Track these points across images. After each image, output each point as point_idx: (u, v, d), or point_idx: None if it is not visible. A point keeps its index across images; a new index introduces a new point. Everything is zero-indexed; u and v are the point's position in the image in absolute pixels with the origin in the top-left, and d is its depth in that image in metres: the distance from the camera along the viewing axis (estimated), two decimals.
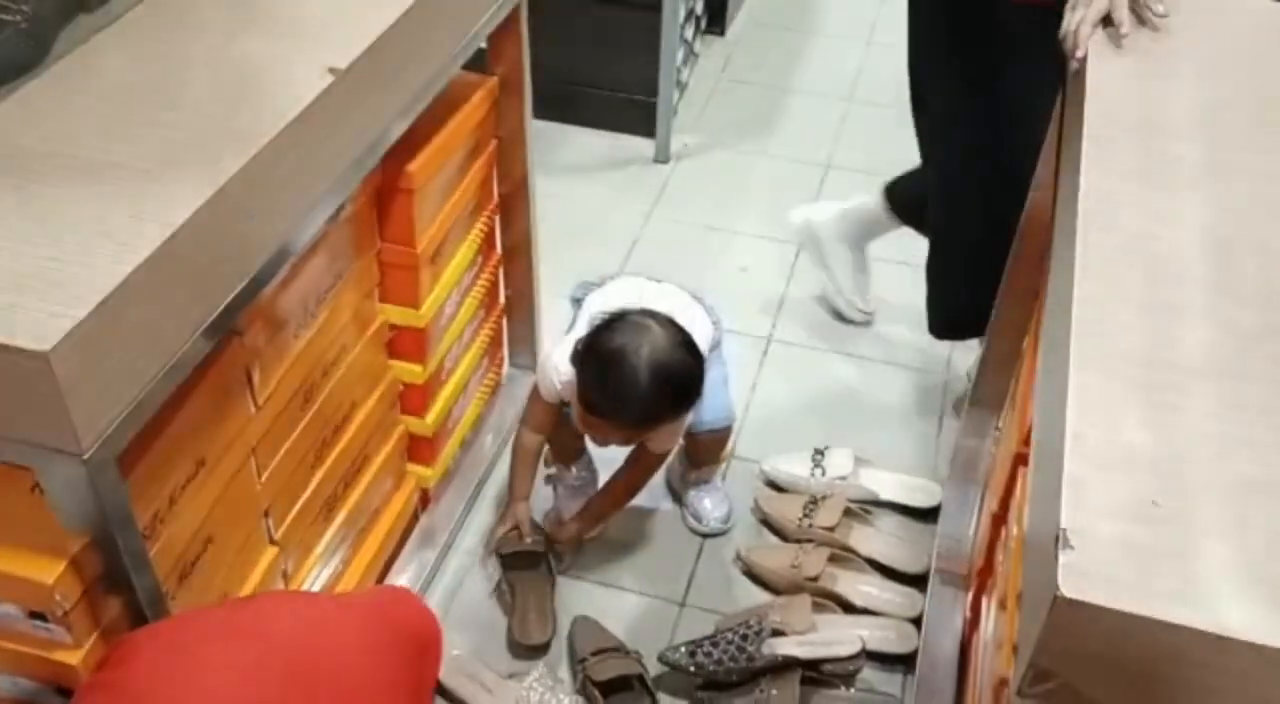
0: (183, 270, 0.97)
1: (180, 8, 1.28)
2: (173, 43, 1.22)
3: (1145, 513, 0.76)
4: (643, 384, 1.52)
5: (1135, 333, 0.89)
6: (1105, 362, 0.86)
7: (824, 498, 1.87)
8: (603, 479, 1.87)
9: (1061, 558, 0.73)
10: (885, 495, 1.92)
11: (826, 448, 1.96)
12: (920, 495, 1.92)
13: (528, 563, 1.76)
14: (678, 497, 1.94)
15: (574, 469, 1.88)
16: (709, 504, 1.89)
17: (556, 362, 1.65)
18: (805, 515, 1.85)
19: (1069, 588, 0.71)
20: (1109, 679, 0.74)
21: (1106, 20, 1.25)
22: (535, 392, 1.73)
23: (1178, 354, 0.87)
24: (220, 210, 1.00)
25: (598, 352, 1.56)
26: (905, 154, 2.78)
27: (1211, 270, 0.96)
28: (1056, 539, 0.74)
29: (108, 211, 0.96)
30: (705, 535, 1.88)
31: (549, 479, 1.90)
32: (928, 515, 1.91)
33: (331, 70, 1.18)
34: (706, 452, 1.87)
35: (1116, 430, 0.81)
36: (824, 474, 1.93)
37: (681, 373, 1.57)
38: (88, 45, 1.19)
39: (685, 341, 1.58)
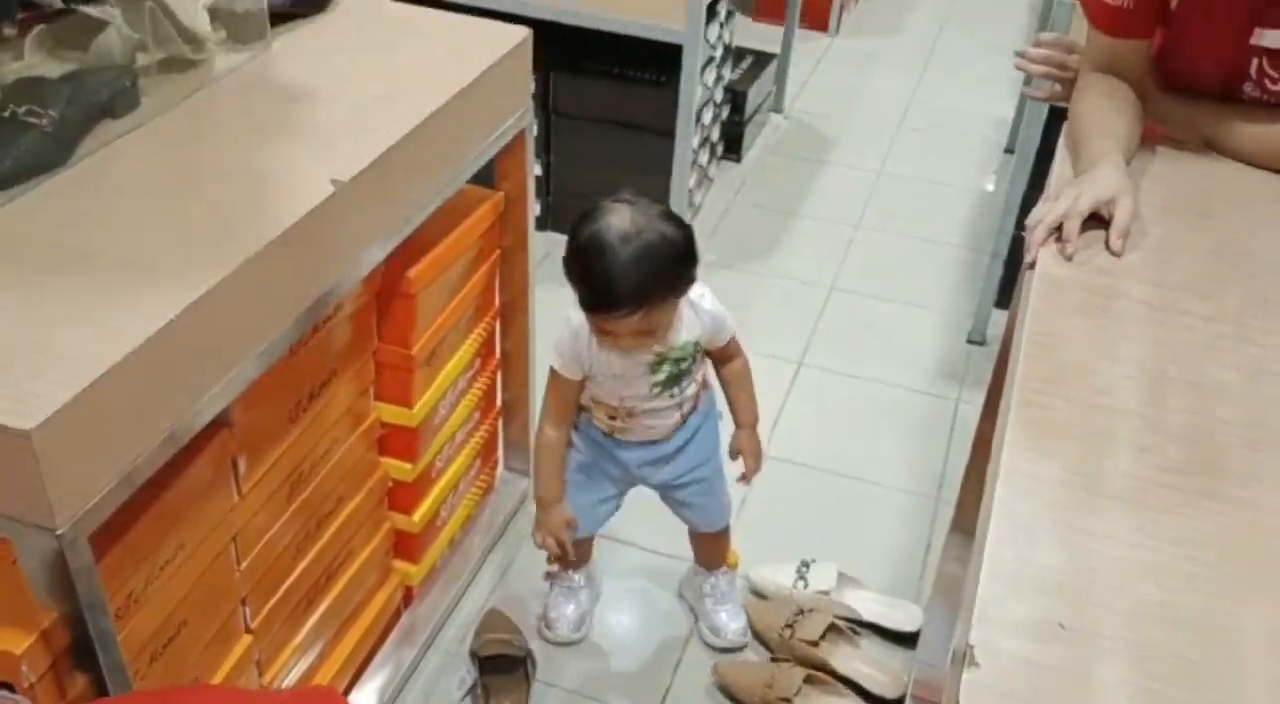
0: (170, 361, 1.03)
1: (203, 118, 1.38)
2: (190, 149, 1.31)
3: (1051, 633, 0.78)
4: (621, 260, 1.44)
5: (1062, 460, 0.93)
6: (1029, 484, 0.90)
7: (810, 611, 1.88)
8: (602, 588, 1.95)
9: (965, 675, 0.76)
10: (866, 615, 1.92)
11: (812, 560, 1.98)
12: (901, 618, 1.92)
13: (506, 667, 1.78)
14: (692, 609, 1.95)
15: (575, 574, 1.91)
16: (725, 617, 1.90)
17: (568, 316, 1.59)
18: (789, 625, 1.86)
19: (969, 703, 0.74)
20: None
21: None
22: (552, 376, 1.65)
23: (1099, 481, 0.91)
24: (212, 306, 1.07)
25: (574, 245, 1.49)
26: (907, 280, 2.87)
27: (1144, 405, 1.00)
28: (964, 655, 0.77)
29: (104, 301, 1.03)
30: (723, 650, 1.89)
31: (547, 576, 1.93)
32: (910, 639, 1.91)
33: (334, 181, 1.26)
34: (712, 548, 1.90)
35: (1032, 551, 0.84)
36: (806, 586, 1.94)
37: (657, 239, 1.46)
38: (110, 148, 1.28)
39: (660, 210, 1.50)
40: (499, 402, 2.03)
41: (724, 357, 1.70)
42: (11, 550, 1.02)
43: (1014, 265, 2.45)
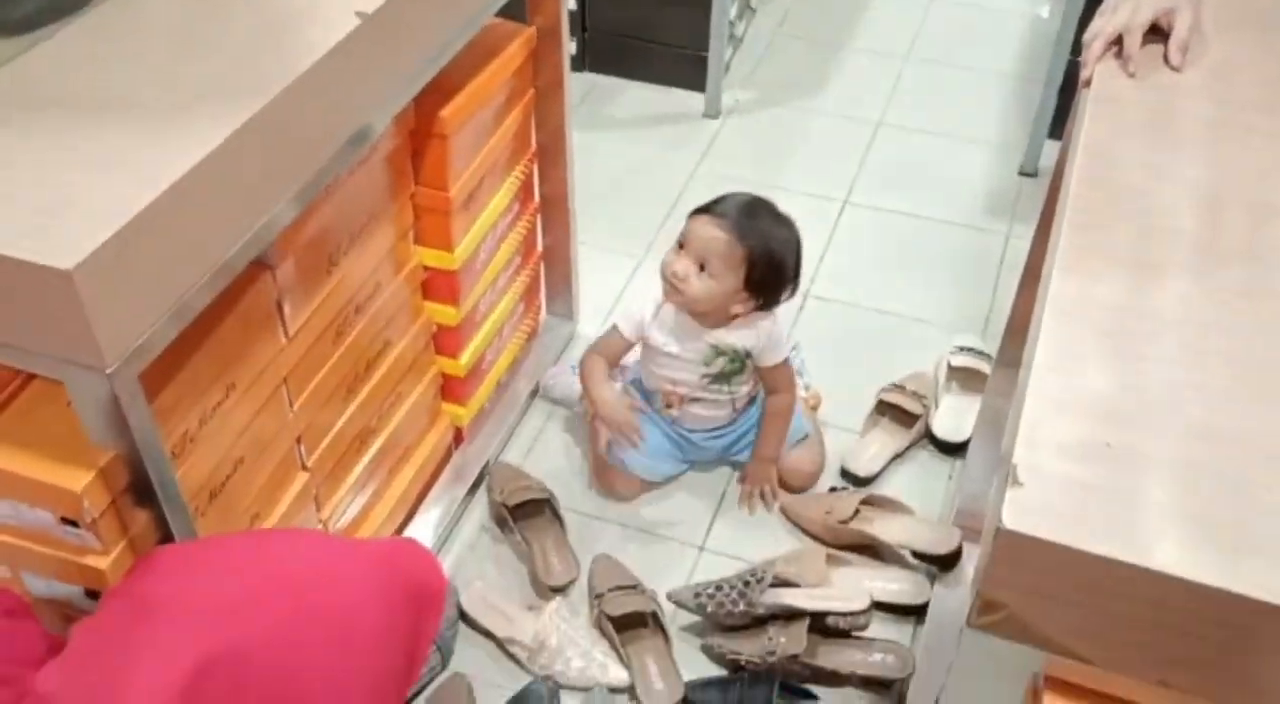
0: (205, 201, 1.02)
1: None
2: None
3: (1097, 453, 0.78)
4: (747, 197, 1.70)
5: (1113, 283, 0.91)
6: (1078, 309, 0.88)
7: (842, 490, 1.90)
8: None
9: (1008, 493, 0.75)
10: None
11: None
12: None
13: (534, 511, 1.80)
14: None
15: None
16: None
17: (655, 294, 1.76)
18: (828, 512, 1.84)
19: (1011, 520, 0.74)
20: (1051, 611, 0.76)
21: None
22: (613, 329, 1.80)
23: (1151, 304, 0.89)
24: (242, 145, 1.05)
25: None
26: (958, 112, 2.78)
27: (1201, 225, 0.97)
28: (1008, 475, 0.77)
29: (134, 143, 1.02)
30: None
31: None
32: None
33: (359, 14, 1.22)
34: (799, 479, 1.91)
35: (1079, 374, 0.83)
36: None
37: (789, 229, 1.71)
38: None
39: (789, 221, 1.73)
40: (540, 247, 2.02)
41: (771, 385, 1.83)
42: (65, 392, 1.04)
43: (1068, 94, 2.34)
